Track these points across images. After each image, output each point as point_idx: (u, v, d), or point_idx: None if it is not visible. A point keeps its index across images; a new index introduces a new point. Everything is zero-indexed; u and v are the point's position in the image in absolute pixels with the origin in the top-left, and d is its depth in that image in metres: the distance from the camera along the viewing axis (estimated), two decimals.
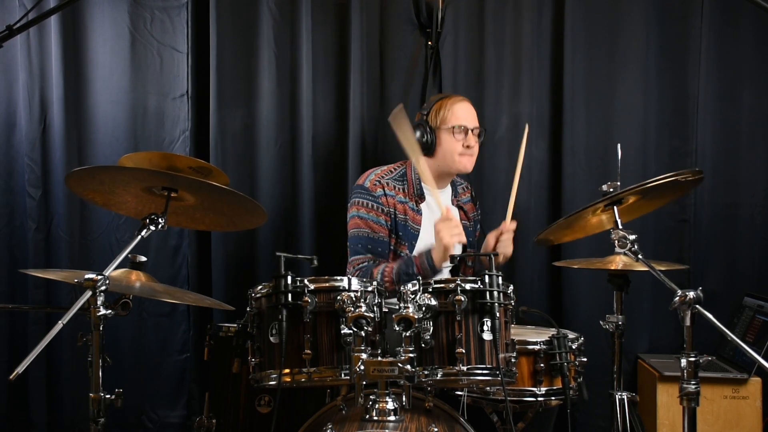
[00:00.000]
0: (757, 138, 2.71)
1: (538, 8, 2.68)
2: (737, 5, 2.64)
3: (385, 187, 2.18)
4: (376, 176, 2.21)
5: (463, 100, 2.23)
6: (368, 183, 2.19)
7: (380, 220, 2.16)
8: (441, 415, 1.66)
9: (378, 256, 2.14)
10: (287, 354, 1.54)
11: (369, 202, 2.17)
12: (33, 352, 1.27)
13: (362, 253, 2.14)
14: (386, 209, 2.17)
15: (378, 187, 2.18)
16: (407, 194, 2.21)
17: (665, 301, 1.55)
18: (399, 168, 2.27)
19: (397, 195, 2.19)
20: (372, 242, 2.14)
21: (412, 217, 2.20)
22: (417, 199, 2.22)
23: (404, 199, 2.20)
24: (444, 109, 2.19)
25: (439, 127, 2.18)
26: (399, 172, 2.25)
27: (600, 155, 2.68)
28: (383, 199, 2.17)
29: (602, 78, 2.69)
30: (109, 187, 1.63)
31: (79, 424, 2.66)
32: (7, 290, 2.66)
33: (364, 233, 2.15)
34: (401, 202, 2.19)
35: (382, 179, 2.20)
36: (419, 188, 2.22)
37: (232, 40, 2.67)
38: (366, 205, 2.17)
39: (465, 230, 2.21)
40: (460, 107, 2.20)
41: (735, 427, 2.39)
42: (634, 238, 1.62)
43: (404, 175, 2.24)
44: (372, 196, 2.17)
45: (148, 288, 1.68)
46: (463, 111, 2.20)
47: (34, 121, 2.62)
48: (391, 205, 2.17)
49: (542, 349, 1.85)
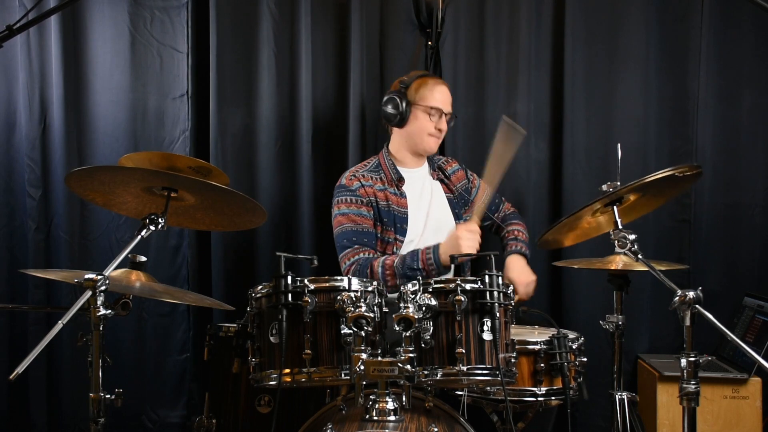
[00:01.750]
0: (757, 138, 2.71)
1: (538, 8, 2.68)
2: (737, 5, 2.64)
3: (361, 179, 2.23)
4: (350, 172, 2.27)
5: (443, 84, 2.31)
6: (345, 180, 2.24)
7: (362, 211, 2.18)
8: (441, 415, 1.66)
9: (364, 246, 2.15)
10: (287, 354, 1.55)
11: (348, 197, 2.20)
12: (33, 352, 1.27)
13: (349, 246, 2.14)
14: (366, 199, 2.20)
15: (354, 181, 2.22)
16: (385, 181, 2.25)
17: (665, 301, 1.55)
18: (372, 160, 2.33)
19: (375, 184, 2.24)
20: (357, 234, 2.16)
21: (396, 201, 2.23)
22: (396, 183, 2.26)
23: (383, 186, 2.24)
24: (425, 87, 2.24)
25: (416, 103, 2.23)
26: (373, 163, 2.31)
27: (600, 155, 2.67)
28: (361, 191, 2.20)
29: (602, 78, 2.69)
30: (109, 187, 1.63)
31: (79, 424, 2.66)
32: (7, 290, 2.66)
33: (348, 228, 2.16)
34: (381, 190, 2.23)
35: (356, 173, 2.25)
36: (396, 172, 2.27)
37: (232, 40, 2.67)
38: (346, 201, 2.19)
39: (449, 202, 2.32)
40: (441, 90, 2.26)
41: (735, 427, 2.39)
42: (634, 238, 1.62)
43: (378, 165, 2.30)
44: (350, 191, 2.20)
45: (148, 288, 1.68)
46: (442, 94, 2.26)
47: (34, 121, 2.62)
48: (370, 194, 2.21)
49: (542, 349, 1.85)
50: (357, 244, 2.14)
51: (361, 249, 2.13)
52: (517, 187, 2.68)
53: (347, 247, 2.15)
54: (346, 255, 2.14)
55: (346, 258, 2.14)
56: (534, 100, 2.69)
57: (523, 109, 2.68)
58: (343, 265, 2.14)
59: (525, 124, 2.67)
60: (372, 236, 2.18)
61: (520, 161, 2.67)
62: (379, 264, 2.05)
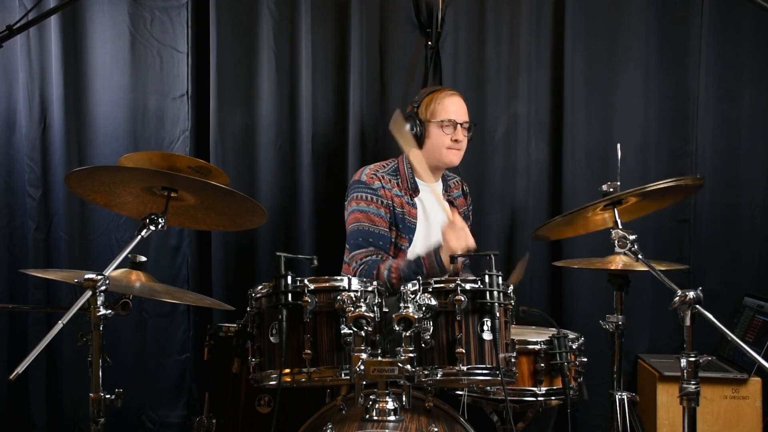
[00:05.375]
0: (757, 138, 2.71)
1: (538, 8, 2.68)
2: (737, 5, 2.64)
3: (382, 179, 2.20)
4: (371, 170, 2.23)
5: (454, 94, 2.26)
6: (365, 177, 2.21)
7: (380, 212, 2.16)
8: (441, 415, 1.66)
9: (380, 249, 2.13)
10: (287, 354, 1.55)
11: (368, 195, 2.17)
12: (33, 352, 1.27)
13: (364, 246, 2.13)
14: (385, 201, 2.18)
15: (375, 180, 2.19)
16: (402, 188, 2.23)
17: (665, 301, 1.56)
18: (391, 163, 2.29)
19: (393, 188, 2.21)
20: (373, 235, 2.14)
21: (408, 211, 2.22)
22: (411, 192, 2.24)
23: (399, 192, 2.22)
24: (434, 102, 2.21)
25: (428, 120, 2.21)
26: (392, 166, 2.28)
27: (600, 155, 2.68)
28: (382, 192, 2.18)
29: (602, 78, 2.69)
30: (109, 188, 1.63)
31: (79, 424, 2.66)
32: (7, 290, 2.66)
33: (365, 226, 2.14)
34: (397, 196, 2.21)
35: (377, 173, 2.22)
36: (413, 182, 2.24)
37: (232, 40, 2.67)
38: (366, 198, 2.17)
39: None
40: (451, 101, 2.22)
41: (735, 427, 2.39)
42: (634, 238, 1.62)
43: (397, 170, 2.27)
44: (371, 189, 2.18)
45: (148, 288, 1.68)
46: (453, 105, 2.22)
47: (34, 121, 2.62)
48: (389, 198, 2.19)
49: (542, 349, 1.85)
50: (372, 246, 2.13)
51: (376, 252, 2.12)
52: (517, 186, 2.68)
53: (361, 247, 2.13)
54: (358, 254, 2.12)
55: (358, 257, 2.12)
56: (534, 100, 2.69)
57: (523, 109, 2.68)
58: (354, 264, 2.12)
59: (525, 124, 2.68)
60: (387, 240, 2.16)
61: (520, 161, 2.68)
62: (386, 267, 2.04)
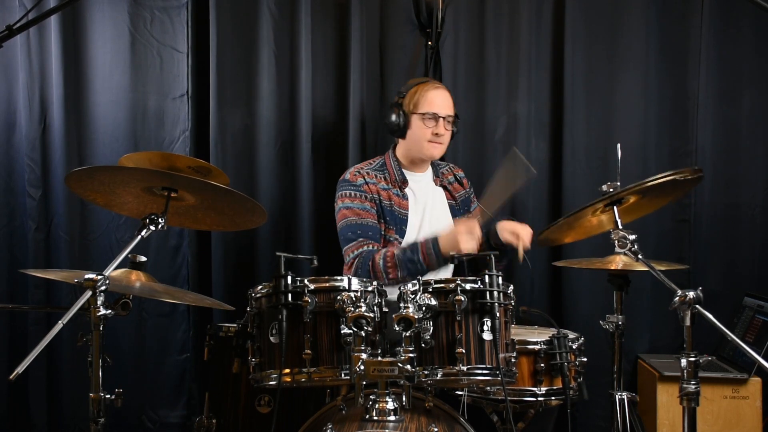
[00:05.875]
0: (757, 138, 2.71)
1: (538, 8, 2.68)
2: (737, 5, 2.65)
3: (365, 176, 2.22)
4: (355, 169, 2.26)
5: (438, 87, 2.25)
6: (348, 176, 2.23)
7: (365, 206, 2.17)
8: (441, 415, 1.66)
9: (369, 239, 2.14)
10: (287, 354, 1.55)
11: (352, 192, 2.19)
12: (33, 352, 1.27)
13: (353, 239, 2.13)
14: (370, 195, 2.19)
15: (358, 177, 2.21)
16: (389, 182, 2.25)
17: (665, 301, 1.55)
18: (378, 160, 2.31)
19: (379, 183, 2.23)
20: (361, 227, 2.15)
21: (398, 203, 2.23)
22: (400, 184, 2.25)
23: (387, 186, 2.24)
24: (418, 94, 2.21)
25: (412, 112, 2.21)
26: (378, 163, 2.30)
27: (600, 155, 2.68)
28: (365, 187, 2.20)
29: (602, 78, 2.69)
30: (109, 188, 1.63)
31: (79, 424, 2.66)
32: (7, 290, 2.66)
33: (353, 221, 2.16)
34: (384, 189, 2.22)
35: (361, 170, 2.24)
36: (401, 174, 2.26)
37: (232, 40, 2.67)
38: (350, 195, 2.19)
39: (451, 209, 2.31)
40: (435, 94, 2.21)
41: (735, 427, 2.39)
42: (634, 238, 1.62)
43: (384, 165, 2.29)
44: (354, 186, 2.20)
45: (148, 288, 1.68)
46: (437, 98, 2.21)
47: (34, 121, 2.62)
48: (374, 192, 2.20)
49: (542, 349, 1.85)
50: (361, 237, 2.13)
51: (365, 242, 2.12)
52: None
53: (351, 240, 2.13)
54: (350, 247, 2.13)
55: (350, 250, 2.12)
56: (534, 100, 2.69)
57: (523, 109, 2.68)
58: (347, 258, 2.13)
59: (525, 124, 2.68)
60: (376, 230, 2.17)
61: None
62: (381, 256, 2.04)
